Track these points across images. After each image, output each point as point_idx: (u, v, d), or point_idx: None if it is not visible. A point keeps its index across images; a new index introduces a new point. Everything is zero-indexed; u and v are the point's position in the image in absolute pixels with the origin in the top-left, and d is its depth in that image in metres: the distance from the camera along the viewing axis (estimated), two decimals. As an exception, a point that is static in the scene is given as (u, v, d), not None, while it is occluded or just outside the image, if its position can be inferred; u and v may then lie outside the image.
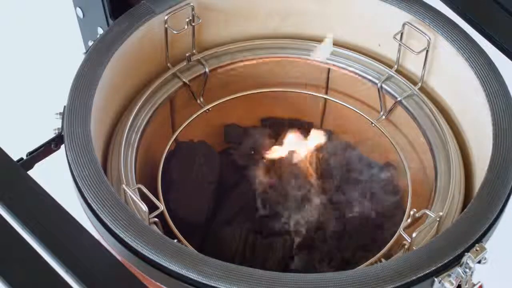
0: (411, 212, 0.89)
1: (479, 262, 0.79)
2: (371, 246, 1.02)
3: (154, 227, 0.87)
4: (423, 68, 1.07)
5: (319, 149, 1.18)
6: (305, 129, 1.21)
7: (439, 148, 1.03)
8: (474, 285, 0.80)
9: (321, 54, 1.11)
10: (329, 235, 1.06)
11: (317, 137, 1.20)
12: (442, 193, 0.97)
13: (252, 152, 1.18)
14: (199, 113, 1.13)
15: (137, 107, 1.03)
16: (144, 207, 0.86)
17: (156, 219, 0.88)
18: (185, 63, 1.11)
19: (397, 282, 0.77)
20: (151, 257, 0.78)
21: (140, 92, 1.07)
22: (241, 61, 1.15)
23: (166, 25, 1.05)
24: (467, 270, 0.78)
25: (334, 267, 1.03)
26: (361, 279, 0.77)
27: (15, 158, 0.84)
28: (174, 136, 1.11)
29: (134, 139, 1.01)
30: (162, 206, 0.89)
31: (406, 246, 0.87)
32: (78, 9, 1.11)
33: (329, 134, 1.22)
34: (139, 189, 0.89)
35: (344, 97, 1.18)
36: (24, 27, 1.70)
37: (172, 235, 0.92)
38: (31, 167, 0.90)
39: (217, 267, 0.77)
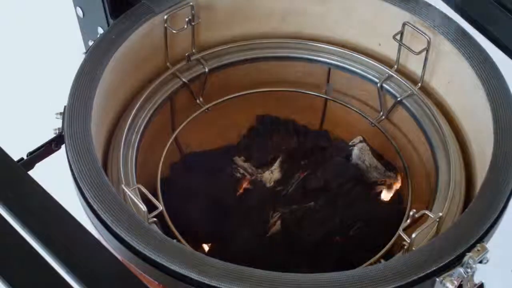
0: (411, 213, 0.89)
1: (480, 262, 0.79)
2: (371, 246, 1.02)
3: (154, 227, 0.86)
4: (423, 67, 1.06)
5: (319, 149, 1.18)
6: (305, 129, 1.21)
7: (439, 148, 1.03)
8: (475, 285, 0.80)
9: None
10: (329, 235, 1.06)
11: (317, 138, 1.20)
12: (443, 193, 0.96)
13: (253, 153, 1.18)
14: (198, 112, 1.13)
15: (137, 107, 1.03)
16: (143, 207, 0.85)
17: (155, 219, 0.88)
18: (184, 63, 1.11)
19: (398, 282, 0.77)
20: (151, 257, 0.78)
21: (140, 92, 1.07)
22: (241, 60, 1.15)
23: (165, 25, 1.05)
24: (469, 270, 0.78)
25: (334, 267, 1.02)
26: (361, 279, 0.77)
27: (15, 158, 0.83)
28: (174, 136, 1.11)
29: (134, 139, 1.01)
30: (161, 206, 0.89)
31: (405, 247, 0.87)
32: (78, 9, 1.11)
33: (329, 134, 1.22)
34: (138, 189, 0.89)
35: (344, 97, 1.18)
36: (24, 27, 1.70)
37: (171, 235, 0.92)
38: (31, 167, 0.90)
39: (217, 267, 0.77)
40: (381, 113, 1.13)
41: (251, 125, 1.22)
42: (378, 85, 1.11)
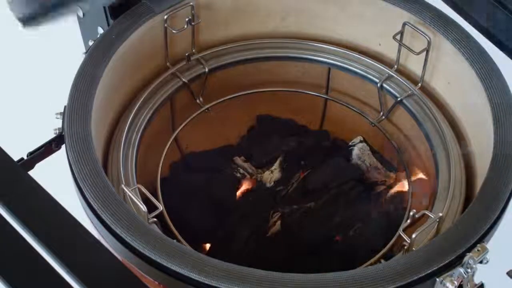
0: (411, 213, 0.89)
1: (480, 262, 0.79)
2: (371, 246, 1.02)
3: (154, 227, 0.86)
4: (423, 68, 1.06)
5: (319, 149, 1.18)
6: (305, 129, 1.21)
7: (439, 148, 1.02)
8: (476, 285, 0.80)
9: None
10: (329, 235, 1.06)
11: (317, 138, 1.20)
12: (443, 193, 0.96)
13: (253, 153, 1.18)
14: (198, 112, 1.13)
15: (137, 107, 1.03)
16: (143, 207, 0.85)
17: (155, 219, 0.88)
18: (184, 63, 1.11)
19: (398, 282, 0.77)
20: (151, 257, 0.78)
21: (140, 92, 1.07)
22: (241, 60, 1.15)
23: (165, 25, 1.05)
24: (469, 270, 0.78)
25: (334, 267, 1.02)
26: (361, 279, 0.77)
27: (15, 158, 0.83)
28: (174, 136, 1.11)
29: (134, 139, 1.01)
30: (161, 207, 0.89)
31: (405, 247, 0.87)
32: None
33: (329, 134, 1.22)
34: (138, 189, 0.89)
35: (344, 97, 1.18)
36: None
37: (171, 235, 0.92)
38: (31, 167, 0.90)
39: (217, 267, 0.77)
40: (381, 113, 1.13)
41: (251, 125, 1.22)
42: (378, 85, 1.11)
